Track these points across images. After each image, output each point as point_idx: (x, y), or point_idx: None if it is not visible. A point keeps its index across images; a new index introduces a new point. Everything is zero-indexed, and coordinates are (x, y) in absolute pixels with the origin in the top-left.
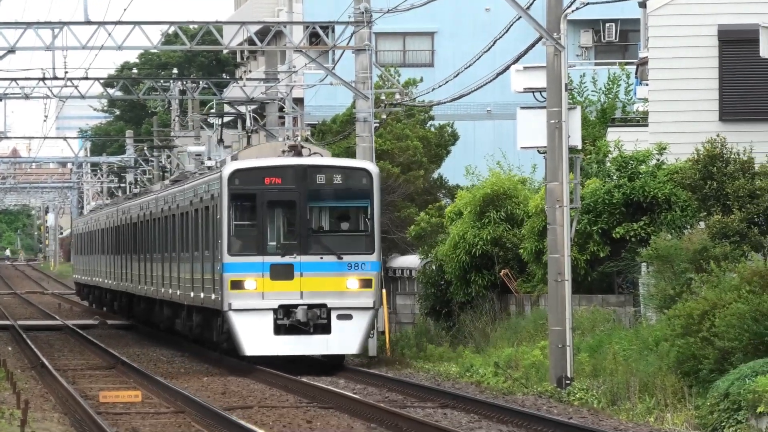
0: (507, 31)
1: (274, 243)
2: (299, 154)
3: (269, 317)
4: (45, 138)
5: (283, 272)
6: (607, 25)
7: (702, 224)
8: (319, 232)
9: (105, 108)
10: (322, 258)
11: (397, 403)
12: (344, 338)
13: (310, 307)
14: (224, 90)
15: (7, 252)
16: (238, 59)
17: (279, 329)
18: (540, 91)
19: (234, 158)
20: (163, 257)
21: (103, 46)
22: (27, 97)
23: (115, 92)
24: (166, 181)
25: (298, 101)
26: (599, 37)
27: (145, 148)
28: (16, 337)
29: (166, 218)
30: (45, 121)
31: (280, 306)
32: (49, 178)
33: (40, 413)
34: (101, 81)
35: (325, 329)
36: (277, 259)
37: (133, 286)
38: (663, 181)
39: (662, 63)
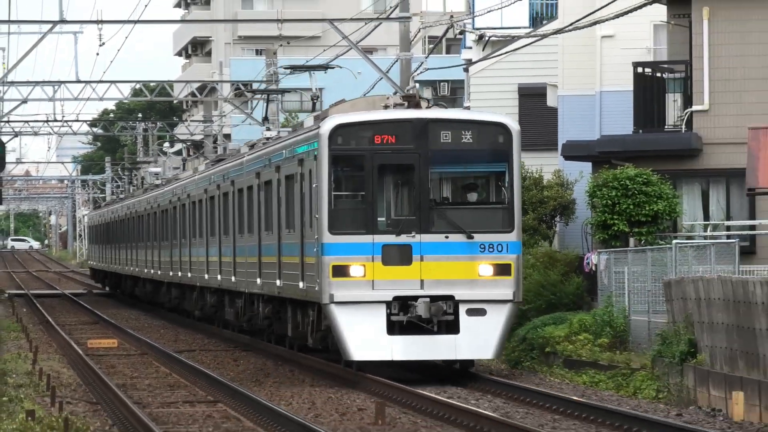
0: (372, 87)
1: (387, 218)
2: (417, 105)
3: (381, 312)
4: (48, 162)
5: (398, 255)
6: (442, 83)
7: None
8: (445, 205)
9: (90, 141)
10: (447, 237)
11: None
12: (476, 339)
13: (434, 299)
14: (174, 128)
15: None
16: (185, 107)
17: (393, 327)
18: None
19: (318, 119)
20: (207, 241)
21: (89, 97)
22: (36, 133)
23: (98, 130)
24: (201, 166)
25: (227, 136)
26: (436, 92)
27: (119, 169)
28: (29, 302)
29: (212, 198)
30: (48, 150)
31: (395, 298)
32: (51, 190)
33: (46, 355)
34: (88, 122)
35: (452, 328)
36: (390, 239)
37: (162, 273)
38: None
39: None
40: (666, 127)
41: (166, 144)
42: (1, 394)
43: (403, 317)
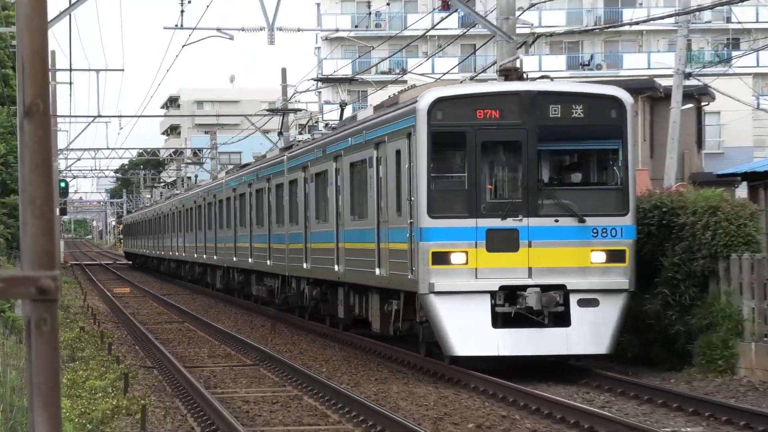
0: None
1: (492, 200)
2: (520, 78)
3: (485, 303)
4: (92, 192)
5: (504, 241)
6: None
7: None
8: (554, 186)
9: (115, 181)
10: (557, 221)
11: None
12: (589, 332)
13: (544, 289)
14: (160, 174)
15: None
16: (166, 162)
17: (497, 320)
18: None
19: (384, 106)
20: (235, 229)
21: (113, 158)
22: (85, 177)
23: (118, 174)
24: (222, 174)
25: (189, 178)
26: None
27: (130, 196)
28: (81, 268)
29: (241, 195)
30: (92, 186)
31: (501, 288)
32: (93, 207)
33: (91, 297)
34: (114, 171)
35: (563, 320)
36: (495, 223)
37: (186, 255)
38: None
39: None
40: None
41: (155, 182)
42: (66, 318)
43: (511, 309)
